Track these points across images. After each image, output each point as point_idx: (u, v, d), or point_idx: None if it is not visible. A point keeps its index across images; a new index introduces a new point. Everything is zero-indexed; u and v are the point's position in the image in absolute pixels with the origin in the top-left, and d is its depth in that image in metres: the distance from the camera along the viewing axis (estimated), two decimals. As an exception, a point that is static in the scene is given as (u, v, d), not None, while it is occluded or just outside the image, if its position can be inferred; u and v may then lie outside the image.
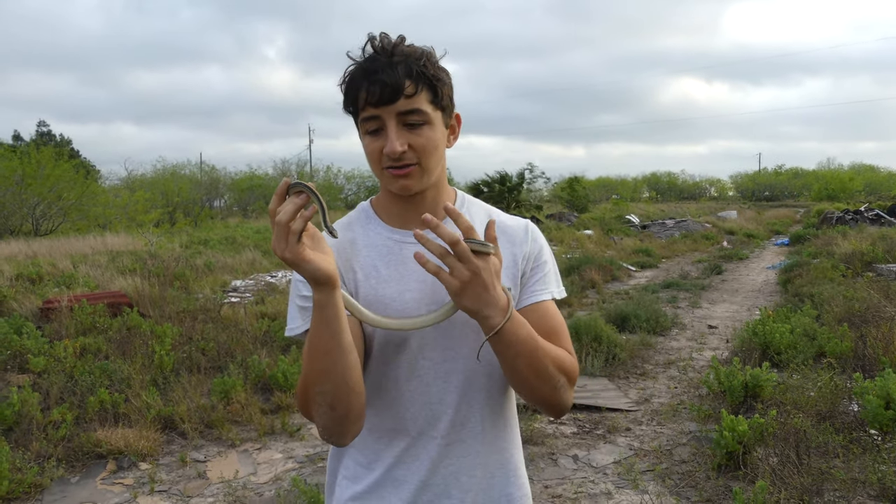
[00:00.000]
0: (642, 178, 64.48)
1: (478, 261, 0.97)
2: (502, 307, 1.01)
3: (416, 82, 1.06)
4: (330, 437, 1.08)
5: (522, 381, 1.08)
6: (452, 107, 1.14)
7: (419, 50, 1.09)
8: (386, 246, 1.17)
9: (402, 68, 1.05)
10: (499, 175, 24.42)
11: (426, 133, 1.08)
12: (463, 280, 0.97)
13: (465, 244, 0.96)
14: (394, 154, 1.06)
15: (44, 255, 12.83)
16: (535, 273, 1.20)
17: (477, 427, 1.17)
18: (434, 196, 1.17)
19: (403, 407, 1.15)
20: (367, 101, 1.06)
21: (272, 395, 4.96)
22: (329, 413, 1.04)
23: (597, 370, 5.64)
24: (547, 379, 1.08)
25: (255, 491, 3.64)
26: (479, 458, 1.18)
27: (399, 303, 1.13)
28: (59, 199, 20.82)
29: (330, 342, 0.99)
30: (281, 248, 0.92)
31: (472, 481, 1.17)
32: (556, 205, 33.22)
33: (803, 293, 8.64)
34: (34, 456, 3.83)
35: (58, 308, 6.87)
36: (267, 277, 11.08)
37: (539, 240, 1.23)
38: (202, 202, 32.74)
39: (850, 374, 4.76)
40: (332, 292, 0.97)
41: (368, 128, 1.08)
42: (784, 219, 29.80)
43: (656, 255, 15.10)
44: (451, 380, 1.15)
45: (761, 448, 3.72)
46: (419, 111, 1.07)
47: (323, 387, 1.01)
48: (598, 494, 3.56)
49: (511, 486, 1.22)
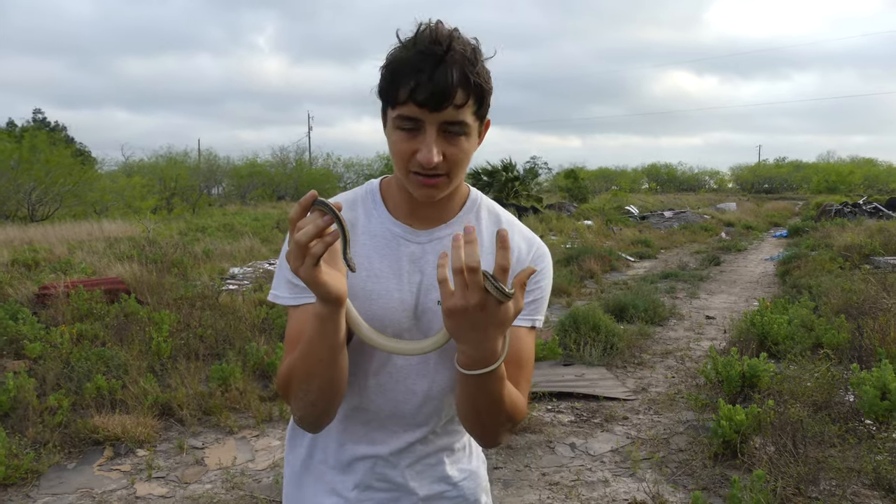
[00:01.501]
0: (642, 169, 64.40)
1: (482, 299, 0.87)
2: (488, 358, 0.93)
3: (466, 92, 0.97)
4: (305, 426, 1.10)
5: (467, 415, 1.05)
6: (487, 112, 1.06)
7: (470, 48, 0.98)
8: (384, 237, 1.13)
9: (456, 73, 0.95)
10: (502, 163, 24.29)
11: (462, 144, 1.01)
12: (458, 305, 0.88)
13: (479, 276, 0.86)
14: (429, 165, 0.98)
15: (40, 241, 12.79)
16: (528, 296, 1.12)
17: (435, 419, 1.18)
18: (449, 195, 1.12)
19: (368, 398, 1.16)
20: (412, 98, 0.96)
21: (270, 382, 4.96)
22: (309, 407, 1.05)
23: (595, 359, 5.64)
24: (495, 424, 1.05)
25: (253, 478, 3.65)
26: (433, 445, 1.20)
27: (385, 300, 1.10)
28: (54, 185, 20.73)
29: (325, 353, 0.98)
30: (296, 265, 0.89)
31: (424, 463, 1.20)
32: (556, 195, 33.21)
33: (801, 285, 8.66)
34: (31, 442, 3.83)
35: (54, 294, 6.85)
36: (265, 265, 11.07)
37: (540, 263, 1.17)
38: (200, 189, 32.63)
39: (846, 364, 4.78)
40: (339, 310, 0.95)
41: (403, 125, 0.99)
42: (783, 211, 29.81)
43: (655, 246, 15.11)
44: (422, 377, 1.14)
45: (758, 437, 3.73)
46: (463, 123, 0.99)
47: (309, 385, 1.02)
48: (596, 482, 3.57)
49: (453, 469, 1.23)
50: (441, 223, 1.14)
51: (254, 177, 36.81)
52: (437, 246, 1.13)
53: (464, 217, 1.16)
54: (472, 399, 1.01)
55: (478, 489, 1.27)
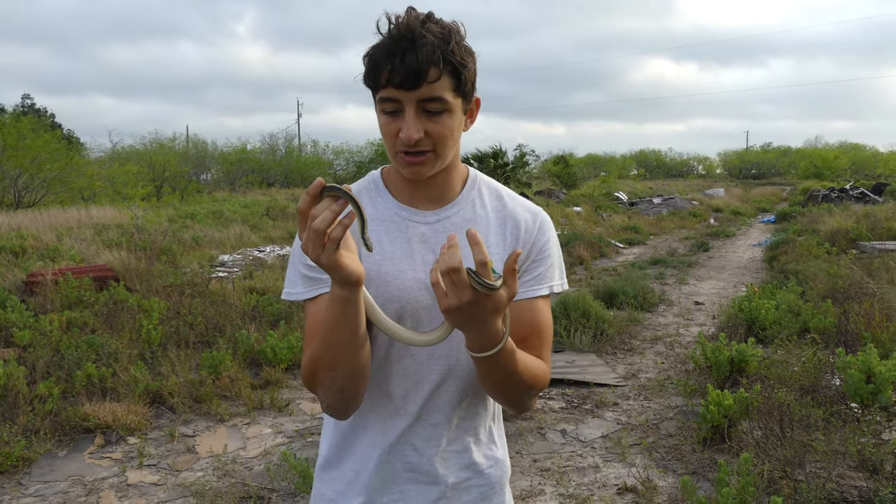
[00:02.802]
0: (630, 155, 64.51)
1: (473, 295, 0.92)
2: (492, 340, 0.99)
3: (439, 69, 1.02)
4: (333, 413, 1.13)
5: (491, 389, 1.11)
6: (473, 91, 1.11)
7: (447, 28, 1.04)
8: (393, 221, 1.16)
9: (427, 52, 1.01)
10: (492, 150, 24.30)
11: (444, 121, 1.06)
12: (452, 304, 0.93)
13: (463, 275, 0.91)
14: (410, 141, 1.04)
15: (27, 228, 12.65)
16: (537, 266, 1.18)
17: (460, 404, 1.19)
18: (445, 177, 1.16)
19: (393, 384, 1.17)
20: (389, 81, 1.02)
21: (261, 369, 4.96)
22: (337, 395, 1.07)
23: (585, 346, 5.68)
24: (516, 393, 1.10)
25: (244, 465, 3.66)
26: (458, 431, 1.20)
27: (401, 280, 1.13)
28: (40, 171, 20.45)
29: (349, 335, 1.00)
30: (316, 253, 0.91)
31: (451, 451, 1.20)
32: (545, 182, 33.22)
33: (789, 270, 8.74)
34: (21, 430, 3.81)
35: (42, 282, 6.79)
36: (255, 252, 11.02)
37: (547, 232, 1.21)
38: (189, 176, 32.32)
39: (832, 349, 4.84)
40: (358, 290, 0.97)
41: (386, 108, 1.06)
42: (771, 196, 30.02)
43: (644, 232, 15.18)
44: (438, 362, 1.16)
45: (746, 422, 3.78)
46: (440, 99, 1.04)
47: (335, 372, 1.04)
48: (586, 468, 3.61)
49: (479, 454, 1.23)
50: (446, 203, 1.18)
51: (243, 163, 36.51)
52: (447, 225, 1.16)
53: (467, 195, 1.19)
54: (490, 376, 1.07)
55: (503, 476, 1.27)
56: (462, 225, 1.17)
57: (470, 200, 1.19)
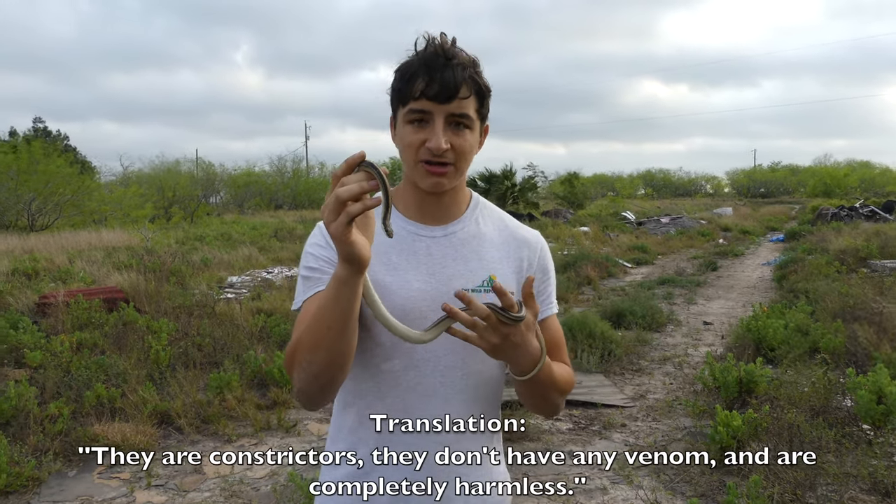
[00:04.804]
0: (637, 174, 64.59)
1: (507, 328, 1.03)
2: (534, 358, 1.09)
3: (470, 88, 1.12)
4: (302, 399, 1.12)
5: (529, 400, 1.21)
6: (487, 116, 1.20)
7: (471, 57, 1.15)
8: (400, 236, 1.20)
9: (460, 72, 1.11)
10: (502, 172, 24.39)
11: (467, 136, 1.14)
12: (493, 343, 1.04)
13: (494, 317, 1.01)
14: (438, 150, 1.10)
15: (40, 251, 12.80)
16: (546, 287, 1.28)
17: (463, 419, 1.19)
18: (452, 195, 1.23)
19: (400, 397, 1.18)
20: (424, 93, 1.10)
21: (268, 390, 4.97)
22: (311, 380, 1.06)
23: (592, 366, 5.66)
24: (556, 398, 1.21)
25: (251, 486, 3.66)
26: (450, 449, 1.19)
27: (405, 290, 1.17)
28: (54, 195, 20.72)
29: (336, 319, 1.01)
30: (330, 219, 0.93)
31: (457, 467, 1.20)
32: (551, 202, 33.27)
33: (798, 289, 8.68)
34: (31, 450, 3.84)
35: (54, 303, 6.86)
36: (263, 273, 11.08)
37: (548, 253, 1.31)
38: (198, 198, 32.63)
39: (843, 369, 4.79)
40: (358, 274, 0.98)
41: (414, 118, 1.12)
42: (779, 215, 29.90)
43: (652, 252, 15.15)
44: (449, 375, 1.18)
45: (755, 443, 3.74)
46: (467, 116, 1.12)
47: (314, 356, 1.04)
48: (594, 490, 3.58)
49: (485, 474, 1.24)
50: (452, 220, 1.24)
51: (251, 186, 36.83)
52: (452, 239, 1.22)
53: (471, 214, 1.26)
54: (532, 392, 1.17)
55: (507, 499, 1.28)
56: (467, 240, 1.22)
57: (474, 219, 1.25)
